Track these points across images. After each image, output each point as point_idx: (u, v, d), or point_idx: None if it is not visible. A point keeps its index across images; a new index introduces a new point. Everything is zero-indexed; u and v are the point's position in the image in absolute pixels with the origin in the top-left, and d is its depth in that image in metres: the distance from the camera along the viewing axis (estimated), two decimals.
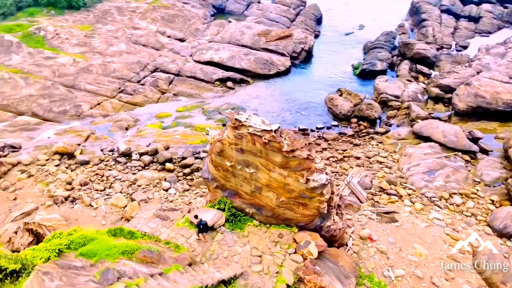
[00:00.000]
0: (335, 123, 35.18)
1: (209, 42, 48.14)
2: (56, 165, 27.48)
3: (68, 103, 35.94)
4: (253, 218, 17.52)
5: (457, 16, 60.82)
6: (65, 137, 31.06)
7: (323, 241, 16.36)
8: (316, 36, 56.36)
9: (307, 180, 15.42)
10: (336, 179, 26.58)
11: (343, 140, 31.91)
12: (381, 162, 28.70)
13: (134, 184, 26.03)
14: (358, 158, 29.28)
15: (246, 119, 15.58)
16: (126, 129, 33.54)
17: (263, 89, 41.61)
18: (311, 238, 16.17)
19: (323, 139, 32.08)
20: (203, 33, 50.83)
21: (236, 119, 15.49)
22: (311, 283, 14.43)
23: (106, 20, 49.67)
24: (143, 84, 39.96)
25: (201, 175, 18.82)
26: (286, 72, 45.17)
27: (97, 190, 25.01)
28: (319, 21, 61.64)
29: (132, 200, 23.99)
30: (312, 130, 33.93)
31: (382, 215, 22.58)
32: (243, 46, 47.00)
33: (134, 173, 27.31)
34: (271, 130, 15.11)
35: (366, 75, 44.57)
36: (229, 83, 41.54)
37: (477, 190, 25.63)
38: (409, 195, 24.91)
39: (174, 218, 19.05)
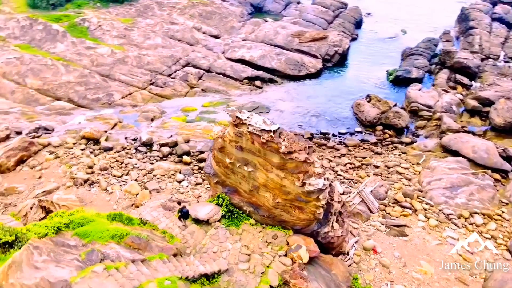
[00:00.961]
0: (359, 129, 34.24)
1: (243, 40, 48.58)
2: (82, 149, 29.00)
3: (101, 92, 37.78)
4: (250, 217, 17.56)
5: (510, 26, 56.88)
6: (94, 123, 32.71)
7: (316, 247, 16.06)
8: (354, 40, 55.11)
9: (303, 184, 15.22)
10: (350, 186, 25.93)
11: (364, 148, 30.98)
12: (400, 173, 27.58)
13: (150, 173, 26.89)
14: (377, 167, 28.32)
15: (247, 117, 15.63)
16: (152, 120, 34.70)
17: (291, 90, 41.35)
18: (304, 242, 15.94)
19: (343, 145, 31.35)
20: (238, 31, 51.37)
21: (237, 116, 15.59)
22: (296, 287, 14.26)
23: (146, 14, 51.63)
24: (173, 78, 41.12)
25: (204, 169, 19.13)
26: (316, 75, 44.60)
27: (114, 176, 26.12)
28: (358, 24, 60.16)
29: (145, 188, 24.82)
30: (334, 135, 33.26)
31: (392, 228, 21.73)
32: (275, 46, 46.97)
33: (152, 163, 28.20)
34: (270, 131, 15.06)
35: (400, 82, 42.94)
36: (257, 82, 41.71)
37: (503, 212, 23.94)
38: (425, 210, 23.73)
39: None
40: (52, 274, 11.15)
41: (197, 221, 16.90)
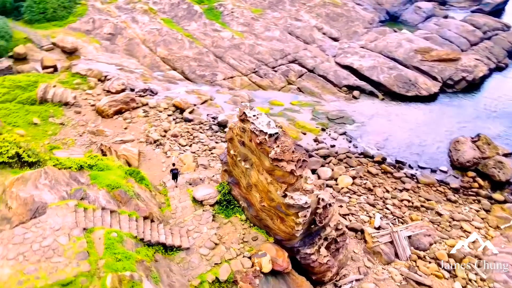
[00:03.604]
0: (445, 169, 29.59)
1: (360, 47, 46.46)
2: (168, 115, 33.17)
3: (209, 70, 41.89)
4: (243, 212, 17.86)
5: None
6: (189, 96, 36.78)
7: (286, 263, 15.47)
8: (499, 69, 46.67)
9: (285, 195, 14.81)
10: (392, 223, 23.17)
11: (437, 190, 26.87)
12: (465, 231, 23.19)
13: (210, 150, 29.13)
14: (439, 214, 24.40)
15: (253, 115, 15.86)
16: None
17: (389, 109, 38.12)
18: (275, 253, 15.56)
19: (414, 180, 27.78)
20: (360, 37, 49.24)
21: (243, 112, 15.97)
22: None
23: (276, 7, 53.98)
24: (275, 71, 42.53)
25: (219, 155, 20.05)
26: (429, 98, 39.83)
27: (179, 144, 29.27)
28: None
29: (196, 162, 27.15)
30: (410, 166, 29.64)
31: (410, 283, 18.92)
32: (392, 59, 43.54)
33: (216, 142, 30.42)
34: (266, 133, 15.01)
35: None
36: (356, 92, 39.77)
37: None
38: (470, 280, 19.69)
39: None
40: (41, 195, 13.97)
41: (194, 200, 18.11)
